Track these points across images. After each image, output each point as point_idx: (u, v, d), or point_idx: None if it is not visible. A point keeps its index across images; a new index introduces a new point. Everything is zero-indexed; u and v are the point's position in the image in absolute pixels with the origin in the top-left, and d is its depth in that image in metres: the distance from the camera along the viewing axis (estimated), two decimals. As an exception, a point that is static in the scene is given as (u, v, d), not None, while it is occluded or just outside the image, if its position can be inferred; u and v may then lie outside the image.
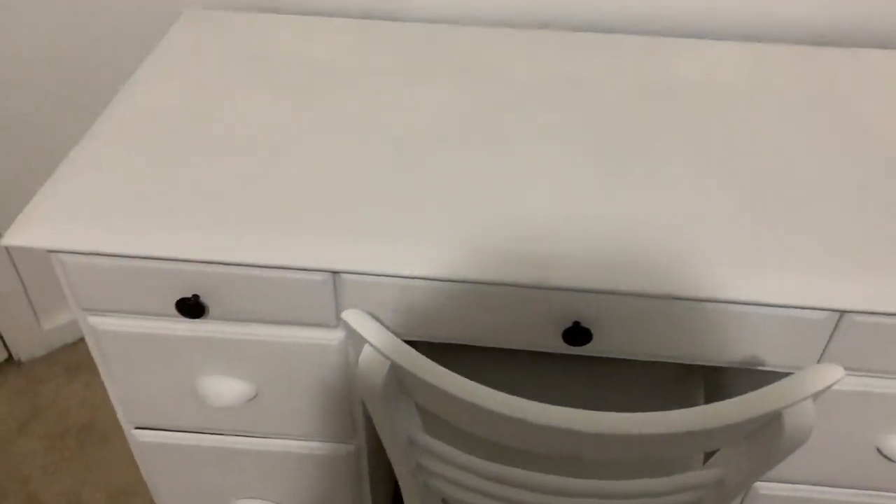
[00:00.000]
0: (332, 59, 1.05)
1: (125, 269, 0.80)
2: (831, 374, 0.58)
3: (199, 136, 0.90)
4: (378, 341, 0.62)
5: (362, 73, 1.02)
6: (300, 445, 0.98)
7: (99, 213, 0.79)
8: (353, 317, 0.64)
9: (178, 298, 0.82)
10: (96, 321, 0.86)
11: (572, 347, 0.81)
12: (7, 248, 1.47)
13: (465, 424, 0.65)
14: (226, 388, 0.90)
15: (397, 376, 0.64)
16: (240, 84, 0.99)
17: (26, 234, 0.78)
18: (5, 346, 1.59)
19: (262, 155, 0.87)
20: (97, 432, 1.50)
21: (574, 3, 1.17)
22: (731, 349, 0.80)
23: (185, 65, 1.03)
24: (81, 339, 1.66)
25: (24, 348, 1.60)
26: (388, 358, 0.62)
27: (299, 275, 0.79)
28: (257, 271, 0.79)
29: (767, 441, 0.61)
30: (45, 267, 1.53)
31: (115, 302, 0.83)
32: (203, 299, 0.82)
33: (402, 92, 0.97)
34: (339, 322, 0.84)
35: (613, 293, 0.76)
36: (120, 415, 0.98)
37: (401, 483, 0.82)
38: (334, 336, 0.85)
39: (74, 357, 1.63)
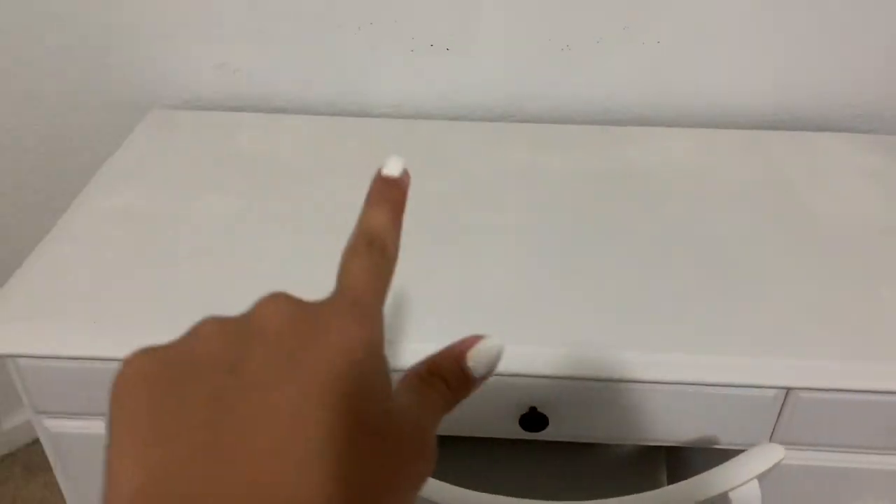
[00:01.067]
0: (296, 157, 1.08)
1: (82, 372, 0.80)
2: (774, 455, 0.60)
3: (161, 238, 0.91)
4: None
5: (325, 170, 1.05)
6: None
7: (56, 317, 0.80)
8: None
9: (135, 398, 0.81)
10: (52, 424, 0.85)
11: (529, 433, 0.82)
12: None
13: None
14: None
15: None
16: (204, 184, 1.02)
17: (-19, 339, 0.78)
18: (-37, 447, 1.55)
19: (223, 255, 0.89)
20: (56, 535, 1.45)
21: (529, 95, 1.22)
22: (684, 429, 0.81)
23: (148, 165, 1.06)
24: (42, 437, 1.62)
25: (-17, 449, 1.56)
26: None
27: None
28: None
29: (718, 524, 0.62)
30: (3, 366, 1.51)
31: (72, 404, 0.83)
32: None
33: (363, 189, 1.00)
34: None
35: (567, 378, 0.78)
36: (78, 521, 0.96)
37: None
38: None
39: (34, 456, 1.59)
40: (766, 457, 0.60)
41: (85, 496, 0.92)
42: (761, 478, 0.60)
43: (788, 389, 0.78)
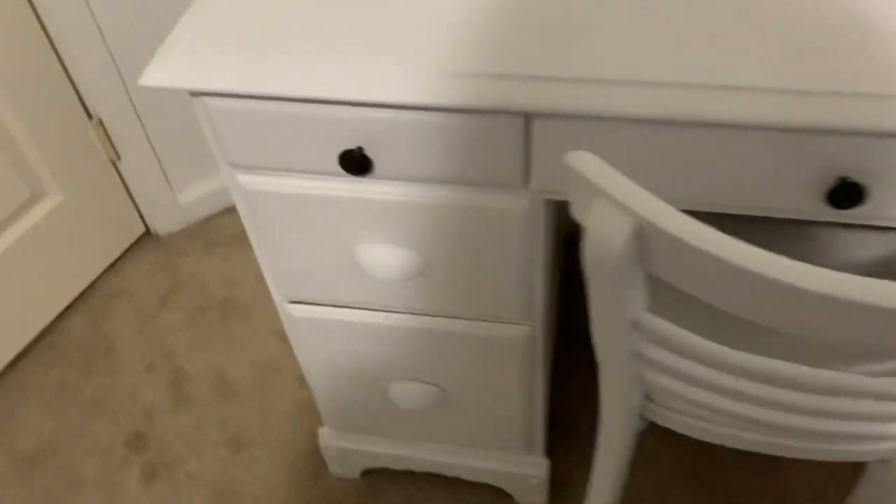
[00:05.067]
0: None
1: (278, 116, 0.67)
2: None
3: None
4: (622, 193, 0.47)
5: None
6: (468, 325, 0.86)
7: (247, 50, 0.66)
8: (584, 162, 0.48)
9: (340, 151, 0.69)
10: (246, 180, 0.75)
11: (839, 211, 0.63)
12: (141, 121, 1.40)
13: (727, 302, 0.50)
14: (391, 259, 0.78)
15: (642, 239, 0.49)
16: None
17: (164, 73, 0.65)
18: (143, 219, 1.56)
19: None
20: (237, 307, 1.45)
21: None
22: None
23: None
24: (217, 214, 1.61)
25: (162, 223, 1.56)
26: (634, 214, 0.47)
27: (480, 120, 0.64)
28: (429, 116, 0.65)
29: None
30: (178, 139, 1.46)
31: (268, 156, 0.72)
32: (368, 152, 0.69)
33: None
34: (527, 181, 0.69)
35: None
36: (273, 288, 0.89)
37: (604, 372, 0.68)
38: (520, 199, 0.71)
39: (211, 232, 1.58)
40: None
41: (282, 263, 0.84)
42: None
43: None
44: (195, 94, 0.68)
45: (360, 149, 0.68)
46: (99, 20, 1.26)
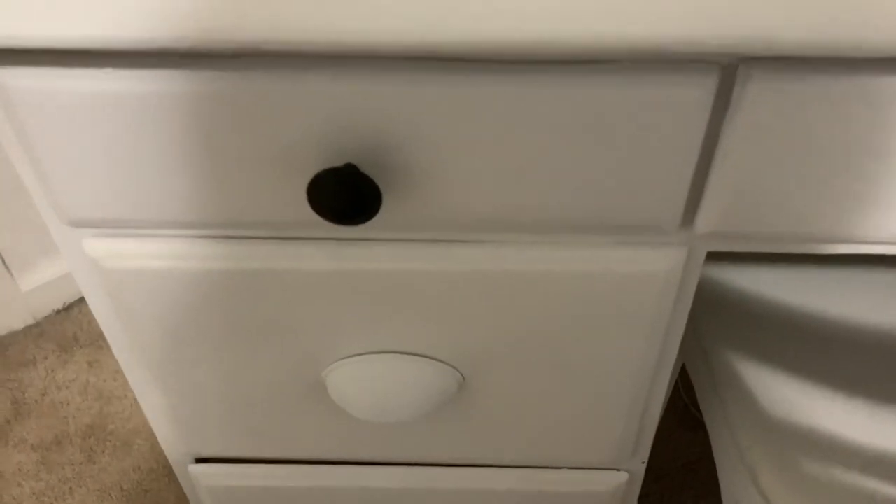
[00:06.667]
0: None
1: (166, 98, 0.30)
2: None
3: None
4: None
5: None
6: (522, 478, 0.50)
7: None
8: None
9: (309, 175, 0.32)
10: (98, 248, 0.37)
11: None
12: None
13: None
14: (403, 384, 0.41)
15: None
16: None
17: None
18: (-32, 317, 1.11)
19: None
20: (112, 435, 1.02)
21: None
22: None
23: None
24: (77, 303, 1.17)
25: (-3, 319, 1.12)
26: None
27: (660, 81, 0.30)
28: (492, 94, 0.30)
29: None
30: (15, 200, 1.04)
31: (139, 202, 0.34)
32: (369, 172, 0.32)
33: None
34: (692, 220, 0.35)
35: None
36: (165, 441, 0.49)
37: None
38: (673, 254, 0.36)
39: (69, 328, 1.15)
40: None
41: (185, 404, 0.45)
42: None
43: None
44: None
45: (350, 166, 0.32)
46: None
